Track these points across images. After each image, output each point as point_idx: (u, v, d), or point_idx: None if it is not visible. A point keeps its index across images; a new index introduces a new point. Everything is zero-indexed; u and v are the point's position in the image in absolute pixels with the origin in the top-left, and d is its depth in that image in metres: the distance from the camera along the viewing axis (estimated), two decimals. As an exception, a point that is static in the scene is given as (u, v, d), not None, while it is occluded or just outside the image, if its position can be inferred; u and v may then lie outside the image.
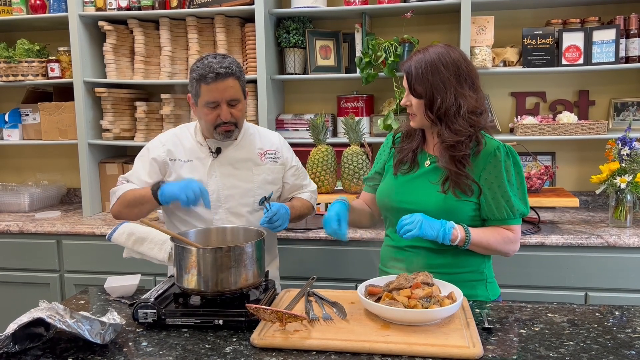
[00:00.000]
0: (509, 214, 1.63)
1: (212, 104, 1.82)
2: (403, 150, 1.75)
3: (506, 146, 1.66)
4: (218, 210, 1.92)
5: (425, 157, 1.72)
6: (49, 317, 1.28)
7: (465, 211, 1.64)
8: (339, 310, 1.48)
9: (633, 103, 2.90)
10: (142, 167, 1.94)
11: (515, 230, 1.66)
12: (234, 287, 1.47)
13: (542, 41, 2.71)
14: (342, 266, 2.53)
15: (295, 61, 2.98)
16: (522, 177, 1.66)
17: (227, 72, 1.80)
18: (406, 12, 2.70)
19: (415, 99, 1.62)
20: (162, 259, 1.66)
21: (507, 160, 1.63)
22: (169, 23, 2.94)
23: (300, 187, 2.12)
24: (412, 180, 1.70)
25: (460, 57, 1.62)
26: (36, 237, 2.80)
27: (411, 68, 1.61)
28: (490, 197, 1.63)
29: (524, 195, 1.66)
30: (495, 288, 1.76)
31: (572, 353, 1.27)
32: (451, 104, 1.58)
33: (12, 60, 3.03)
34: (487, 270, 1.73)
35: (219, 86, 1.80)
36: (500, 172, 1.62)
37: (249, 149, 1.99)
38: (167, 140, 1.96)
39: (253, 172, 1.97)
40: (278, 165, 2.03)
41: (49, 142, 3.12)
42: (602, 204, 2.96)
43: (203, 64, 1.81)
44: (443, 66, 1.58)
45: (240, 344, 1.34)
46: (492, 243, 1.63)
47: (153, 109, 3.07)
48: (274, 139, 2.07)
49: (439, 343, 1.28)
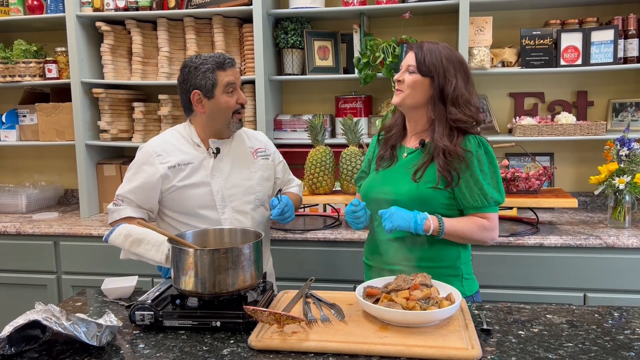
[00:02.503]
0: (483, 202, 1.66)
1: (231, 86, 1.89)
2: (385, 144, 1.82)
3: (477, 137, 1.69)
4: (225, 210, 1.93)
5: (404, 151, 1.78)
6: (45, 320, 1.27)
7: (439, 199, 1.67)
8: (337, 311, 1.48)
9: (631, 103, 2.90)
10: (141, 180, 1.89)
11: (491, 219, 1.69)
12: (231, 288, 1.47)
13: (540, 42, 2.70)
14: (340, 267, 2.52)
15: (293, 62, 2.97)
16: (496, 167, 1.70)
17: (233, 59, 1.93)
18: (404, 12, 2.70)
19: (418, 75, 1.67)
20: (160, 261, 1.65)
21: (478, 150, 1.67)
22: (166, 24, 2.94)
23: (289, 182, 2.22)
24: (390, 172, 1.76)
25: (464, 59, 1.73)
26: (33, 239, 2.79)
27: (422, 49, 1.67)
28: (464, 187, 1.66)
29: (498, 184, 1.70)
30: (472, 284, 1.78)
31: (571, 355, 1.27)
32: (462, 92, 1.66)
33: (10, 60, 3.02)
34: (463, 266, 1.75)
35: (235, 71, 1.92)
36: (472, 162, 1.65)
37: (243, 149, 2.03)
38: (161, 150, 1.91)
39: (250, 170, 2.01)
40: (269, 162, 2.10)
41: (46, 143, 3.11)
42: (601, 205, 2.96)
43: (207, 57, 1.90)
44: (455, 58, 1.69)
45: (237, 346, 1.34)
46: (467, 232, 1.67)
47: (151, 110, 3.06)
48: (261, 137, 2.14)
49: (438, 345, 1.28)
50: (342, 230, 2.56)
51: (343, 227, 2.62)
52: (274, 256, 2.27)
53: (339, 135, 2.96)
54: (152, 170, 1.88)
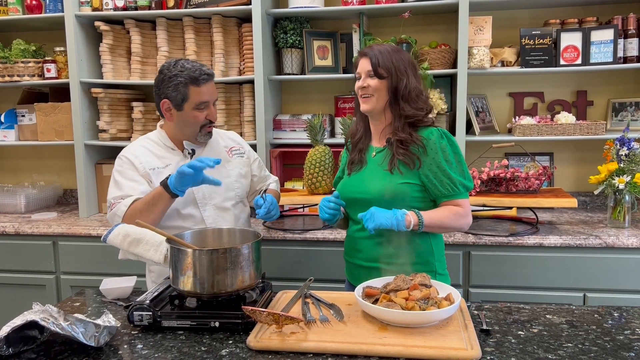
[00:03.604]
0: (453, 189, 1.72)
1: (203, 104, 1.88)
2: (353, 149, 1.88)
3: (439, 129, 1.77)
4: (206, 207, 1.99)
5: (372, 150, 1.84)
6: (43, 320, 1.27)
7: (410, 193, 1.73)
8: (336, 312, 1.48)
9: (631, 103, 2.90)
10: (132, 178, 1.91)
11: (464, 205, 1.75)
12: (230, 289, 1.46)
13: (540, 41, 2.70)
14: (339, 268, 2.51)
15: (292, 61, 2.97)
16: (460, 156, 1.77)
17: (210, 72, 1.89)
18: (404, 12, 2.70)
19: (377, 79, 1.74)
20: (158, 261, 1.65)
21: (441, 142, 1.74)
22: (165, 23, 2.93)
23: (266, 178, 2.24)
24: (362, 174, 1.83)
25: (408, 54, 1.83)
26: (32, 239, 2.78)
27: (374, 52, 1.75)
28: (433, 177, 1.72)
29: (464, 171, 1.76)
30: (445, 280, 1.82)
31: (571, 355, 1.26)
32: (414, 86, 1.75)
33: (8, 60, 3.01)
34: (436, 262, 1.80)
35: (209, 87, 1.89)
36: (436, 153, 1.72)
37: (217, 149, 2.07)
38: (137, 153, 1.95)
39: (227, 167, 2.05)
40: (245, 159, 2.14)
41: (45, 143, 3.10)
42: (601, 205, 2.95)
43: (184, 67, 1.85)
44: (402, 55, 1.78)
45: (236, 347, 1.33)
46: (445, 220, 1.72)
47: (150, 110, 3.05)
48: (234, 136, 2.18)
49: (437, 345, 1.27)
50: (341, 230, 2.55)
51: (342, 227, 2.61)
52: (273, 256, 2.27)
53: (338, 135, 2.96)
54: (135, 170, 1.92)
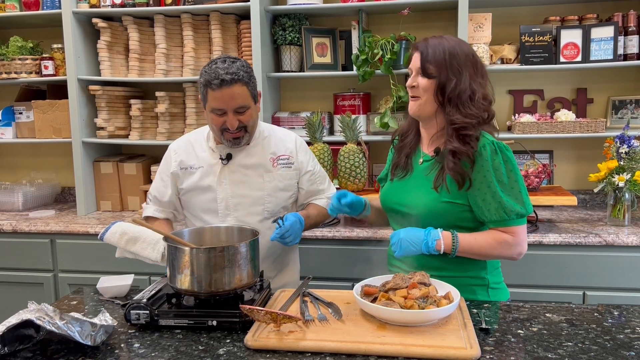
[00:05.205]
0: (501, 216, 1.54)
1: (218, 111, 1.76)
2: (399, 152, 1.74)
3: (495, 143, 1.57)
4: (226, 219, 1.89)
5: (420, 156, 1.70)
6: (38, 319, 1.26)
7: (456, 213, 1.59)
8: (335, 310, 1.47)
9: (631, 101, 2.89)
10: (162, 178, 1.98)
11: (515, 233, 1.56)
12: (227, 287, 1.45)
13: (540, 38, 2.69)
14: (338, 266, 2.51)
15: (291, 59, 2.95)
16: (517, 174, 1.56)
17: (233, 78, 1.71)
18: (403, 9, 2.68)
19: (425, 79, 1.58)
20: (155, 259, 1.64)
21: (495, 158, 1.55)
22: (163, 20, 2.92)
23: (317, 193, 2.03)
24: (405, 183, 1.69)
25: (473, 50, 1.63)
26: (30, 237, 2.77)
27: (427, 48, 1.58)
28: (480, 199, 1.55)
29: (521, 193, 1.55)
30: (500, 294, 1.69)
31: (571, 354, 1.25)
32: (465, 88, 1.55)
33: (5, 57, 3.00)
34: (489, 276, 1.67)
35: (224, 93, 1.72)
36: (488, 172, 1.54)
37: (261, 155, 1.92)
38: (179, 148, 1.97)
39: (264, 178, 1.91)
40: (292, 171, 1.95)
41: (43, 140, 3.09)
42: (600, 203, 2.95)
43: (210, 68, 1.74)
44: (460, 51, 1.58)
45: (234, 345, 1.32)
46: (485, 248, 1.56)
47: (148, 107, 3.04)
48: (290, 143, 1.98)
49: (436, 344, 1.26)
50: (340, 228, 2.54)
51: (341, 225, 2.61)
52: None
53: (337, 133, 2.95)
54: (167, 167, 1.96)
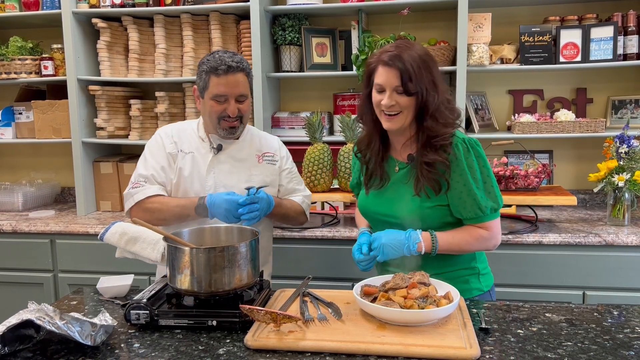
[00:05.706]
0: (477, 213, 1.59)
1: (220, 97, 1.84)
2: (369, 162, 1.72)
3: (466, 140, 1.59)
4: None
5: (394, 163, 1.70)
6: (38, 319, 1.26)
7: (440, 217, 1.63)
8: (335, 310, 1.47)
9: (631, 101, 2.89)
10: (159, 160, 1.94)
11: (490, 227, 1.62)
12: (227, 287, 1.45)
13: (539, 38, 2.69)
14: (338, 266, 2.51)
15: (291, 59, 2.95)
16: (488, 170, 1.60)
17: (238, 66, 1.82)
18: (403, 9, 2.68)
19: (406, 97, 1.54)
20: (155, 259, 1.64)
21: (468, 157, 1.58)
22: (163, 20, 2.92)
23: (294, 191, 2.12)
24: (385, 191, 1.70)
25: (430, 52, 1.61)
26: (30, 237, 2.77)
27: (404, 64, 1.52)
28: (457, 197, 1.59)
29: (493, 187, 1.61)
30: (488, 278, 1.77)
31: (571, 354, 1.25)
32: (442, 99, 1.56)
33: (5, 57, 2.99)
34: (478, 264, 1.74)
35: (229, 79, 1.82)
36: (463, 171, 1.57)
37: (249, 150, 2.01)
38: (171, 132, 1.99)
39: (251, 172, 1.99)
40: (275, 167, 2.05)
41: (42, 140, 3.08)
42: (600, 203, 2.95)
43: (214, 57, 1.84)
44: (429, 60, 1.56)
45: (233, 345, 1.32)
46: (463, 245, 1.62)
47: (148, 107, 3.04)
48: (274, 142, 2.10)
49: (436, 344, 1.27)
50: (340, 228, 2.54)
51: (341, 225, 2.61)
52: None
53: (337, 133, 2.95)
54: (160, 148, 1.95)
